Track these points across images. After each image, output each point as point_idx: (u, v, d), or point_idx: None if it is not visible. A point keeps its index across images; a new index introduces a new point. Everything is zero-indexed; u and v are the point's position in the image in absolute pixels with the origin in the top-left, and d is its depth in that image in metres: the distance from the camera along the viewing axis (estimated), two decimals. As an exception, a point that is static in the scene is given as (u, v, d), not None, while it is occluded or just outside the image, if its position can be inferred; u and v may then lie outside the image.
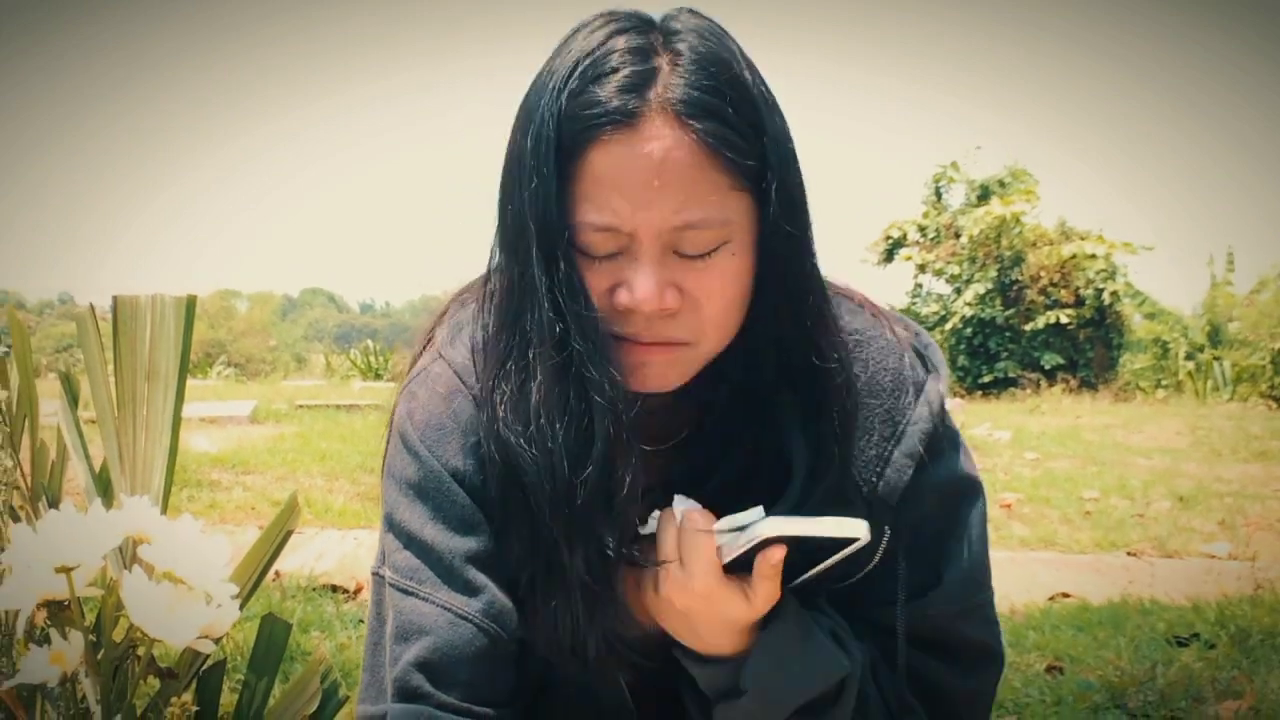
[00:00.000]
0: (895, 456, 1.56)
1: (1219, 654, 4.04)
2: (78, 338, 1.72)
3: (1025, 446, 10.69)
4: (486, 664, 1.55)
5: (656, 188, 1.34)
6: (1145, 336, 23.06)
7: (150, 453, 1.66)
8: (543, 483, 1.46)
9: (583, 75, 1.36)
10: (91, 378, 1.69)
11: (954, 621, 1.60)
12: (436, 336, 1.66)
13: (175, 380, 1.67)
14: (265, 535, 1.68)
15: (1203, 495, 8.25)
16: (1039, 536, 7.06)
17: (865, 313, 1.62)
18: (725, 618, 1.48)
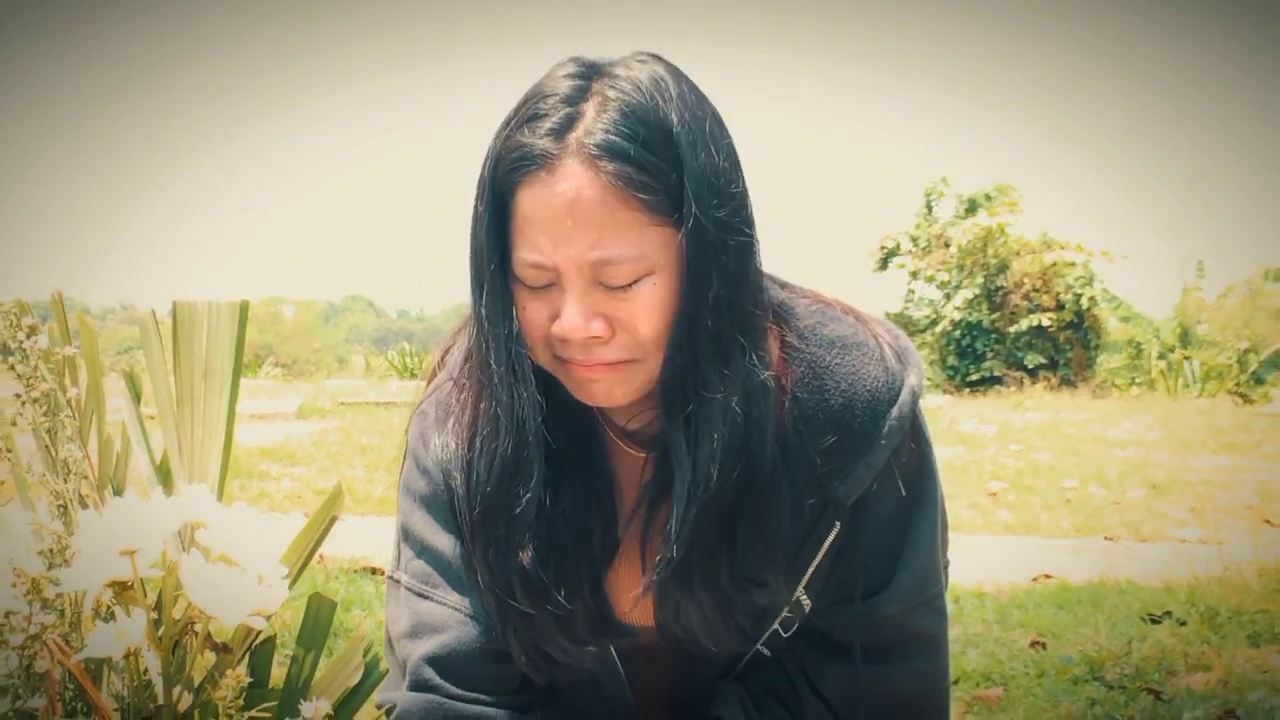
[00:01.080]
0: (858, 468, 1.54)
1: (1190, 630, 4.03)
2: (140, 340, 1.72)
3: (1010, 439, 10.67)
4: (491, 658, 1.56)
5: (570, 226, 1.35)
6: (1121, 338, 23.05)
7: (206, 445, 1.67)
8: (468, 511, 1.52)
9: (519, 119, 1.38)
10: (153, 377, 1.70)
11: (907, 616, 1.60)
12: (450, 355, 1.67)
13: (230, 379, 1.68)
14: (312, 522, 1.69)
15: (1174, 484, 8.23)
16: (1023, 522, 7.05)
17: (848, 319, 1.60)
18: None
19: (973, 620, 4.27)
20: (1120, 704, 3.21)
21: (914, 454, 1.59)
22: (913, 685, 1.64)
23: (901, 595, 1.59)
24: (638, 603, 1.58)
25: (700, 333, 1.41)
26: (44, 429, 1.50)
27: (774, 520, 1.52)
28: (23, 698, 1.30)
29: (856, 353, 1.56)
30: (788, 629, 1.64)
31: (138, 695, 1.32)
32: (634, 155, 1.34)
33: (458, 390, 1.53)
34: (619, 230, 1.35)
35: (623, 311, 1.38)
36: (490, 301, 1.42)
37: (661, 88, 1.39)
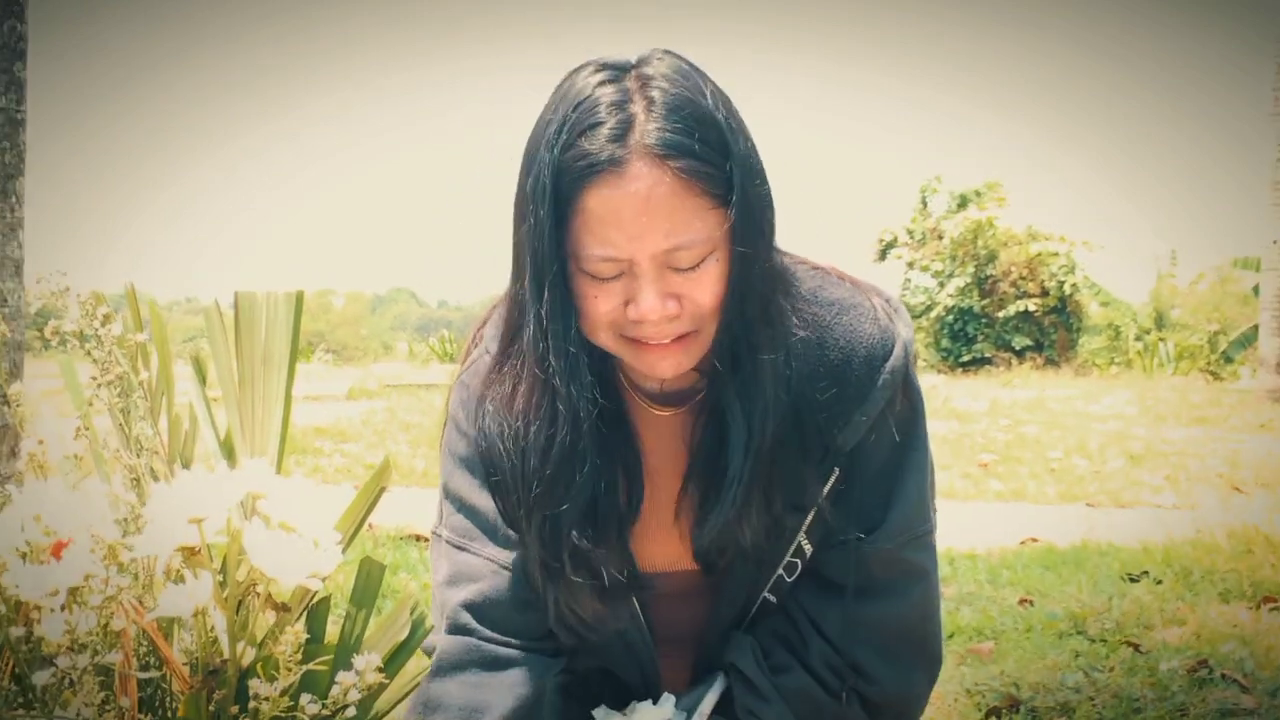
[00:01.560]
0: (855, 417, 1.57)
1: (1165, 588, 4.02)
2: (205, 329, 1.73)
3: (999, 415, 10.65)
4: (522, 606, 1.57)
5: (645, 221, 1.37)
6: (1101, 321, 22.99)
7: (266, 424, 1.67)
8: (511, 469, 1.53)
9: (572, 129, 1.38)
10: (217, 362, 1.71)
11: (900, 551, 1.63)
12: (484, 333, 1.68)
13: (286, 363, 1.68)
14: (362, 493, 1.69)
15: (1150, 455, 8.21)
16: (1011, 490, 7.04)
17: (845, 284, 1.63)
18: None
19: (966, 580, 4.26)
20: (1102, 656, 3.20)
21: (906, 403, 1.62)
22: (907, 616, 1.66)
23: (895, 531, 1.62)
24: (681, 544, 1.63)
25: (752, 299, 1.46)
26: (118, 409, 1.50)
27: (794, 461, 1.55)
28: (101, 653, 1.30)
29: (853, 313, 1.59)
30: (791, 574, 1.66)
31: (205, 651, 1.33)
32: (695, 149, 1.37)
33: (503, 376, 1.53)
34: (686, 218, 1.38)
35: (690, 289, 1.41)
36: (551, 300, 1.42)
37: (694, 83, 1.42)
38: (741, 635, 1.70)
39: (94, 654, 1.30)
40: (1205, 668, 3.01)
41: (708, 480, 1.56)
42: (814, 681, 1.64)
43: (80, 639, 1.29)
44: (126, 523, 1.45)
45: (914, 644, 1.67)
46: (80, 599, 1.30)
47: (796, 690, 1.64)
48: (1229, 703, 2.76)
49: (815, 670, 1.64)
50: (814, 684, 1.64)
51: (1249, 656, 3.12)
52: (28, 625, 1.30)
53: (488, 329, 1.67)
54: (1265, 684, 2.90)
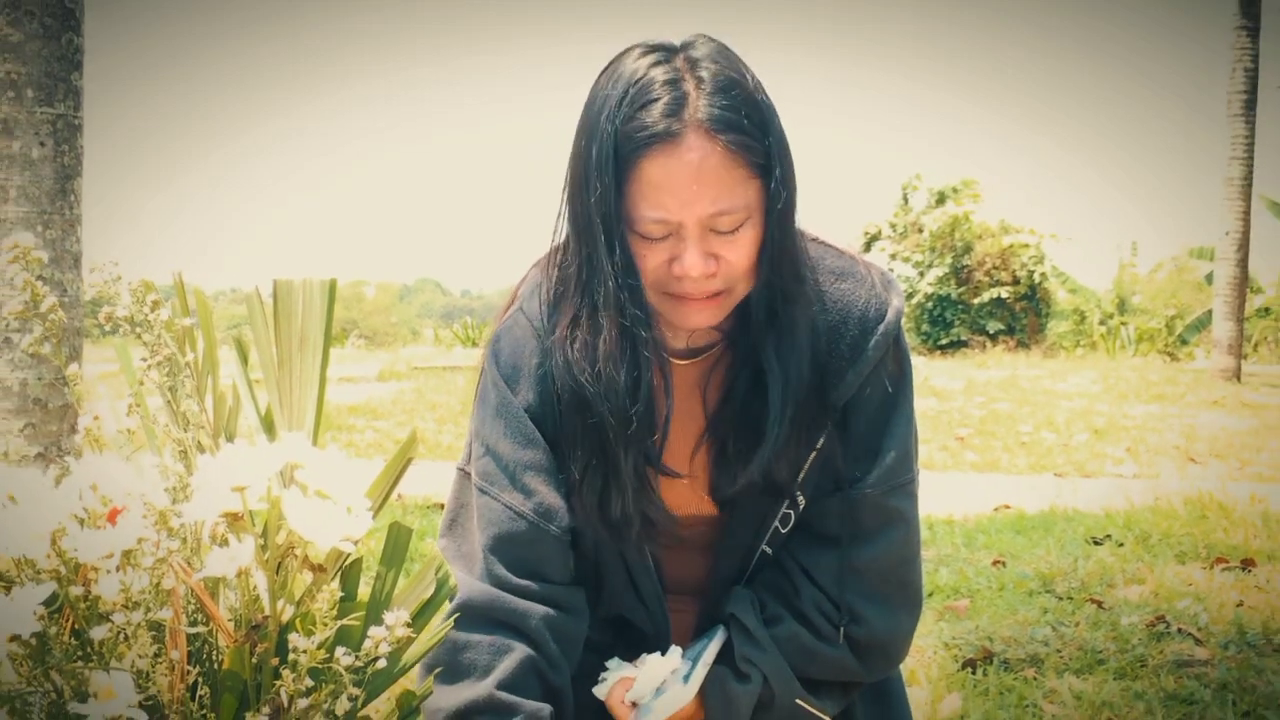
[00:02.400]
0: (848, 375, 1.60)
1: (1126, 550, 4.02)
2: (247, 315, 1.73)
3: (975, 393, 10.64)
4: (537, 549, 1.58)
5: (695, 189, 1.41)
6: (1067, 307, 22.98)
7: (303, 401, 1.67)
8: (606, 410, 1.53)
9: (631, 103, 1.41)
10: (258, 344, 1.71)
11: (885, 497, 1.64)
12: (520, 292, 1.70)
13: (321, 346, 1.68)
14: (391, 463, 1.69)
15: (1113, 429, 8.21)
16: (986, 461, 7.04)
17: (846, 255, 1.66)
18: None
19: (944, 544, 4.27)
20: (1068, 612, 3.20)
21: (895, 364, 1.64)
22: (891, 558, 1.66)
23: (880, 478, 1.63)
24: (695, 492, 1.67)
25: (785, 259, 1.51)
26: (167, 388, 1.51)
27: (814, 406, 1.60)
28: (152, 610, 1.30)
29: (850, 280, 1.63)
30: (785, 525, 1.67)
31: (248, 608, 1.33)
32: (744, 125, 1.41)
33: (579, 329, 1.55)
34: (731, 187, 1.42)
35: (728, 250, 1.45)
36: (622, 258, 1.46)
37: (736, 65, 1.46)
38: (741, 589, 1.71)
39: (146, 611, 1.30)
40: (1163, 623, 3.02)
41: (740, 425, 1.60)
42: (805, 629, 1.65)
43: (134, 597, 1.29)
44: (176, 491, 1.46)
45: (898, 586, 1.68)
46: (133, 561, 1.30)
47: (789, 638, 1.65)
48: (1184, 654, 2.76)
49: (808, 616, 1.65)
50: (805, 631, 1.65)
51: (1203, 612, 3.12)
52: (86, 585, 1.30)
53: (523, 288, 1.69)
54: (1218, 637, 2.90)
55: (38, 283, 1.46)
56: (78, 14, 4.23)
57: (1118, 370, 13.47)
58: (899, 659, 1.76)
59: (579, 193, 1.47)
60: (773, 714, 1.67)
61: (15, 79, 4.12)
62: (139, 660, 1.29)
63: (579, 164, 1.47)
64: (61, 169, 4.18)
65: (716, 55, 1.45)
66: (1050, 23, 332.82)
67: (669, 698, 1.65)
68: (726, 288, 1.48)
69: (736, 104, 1.42)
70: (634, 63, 1.44)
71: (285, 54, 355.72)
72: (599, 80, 1.48)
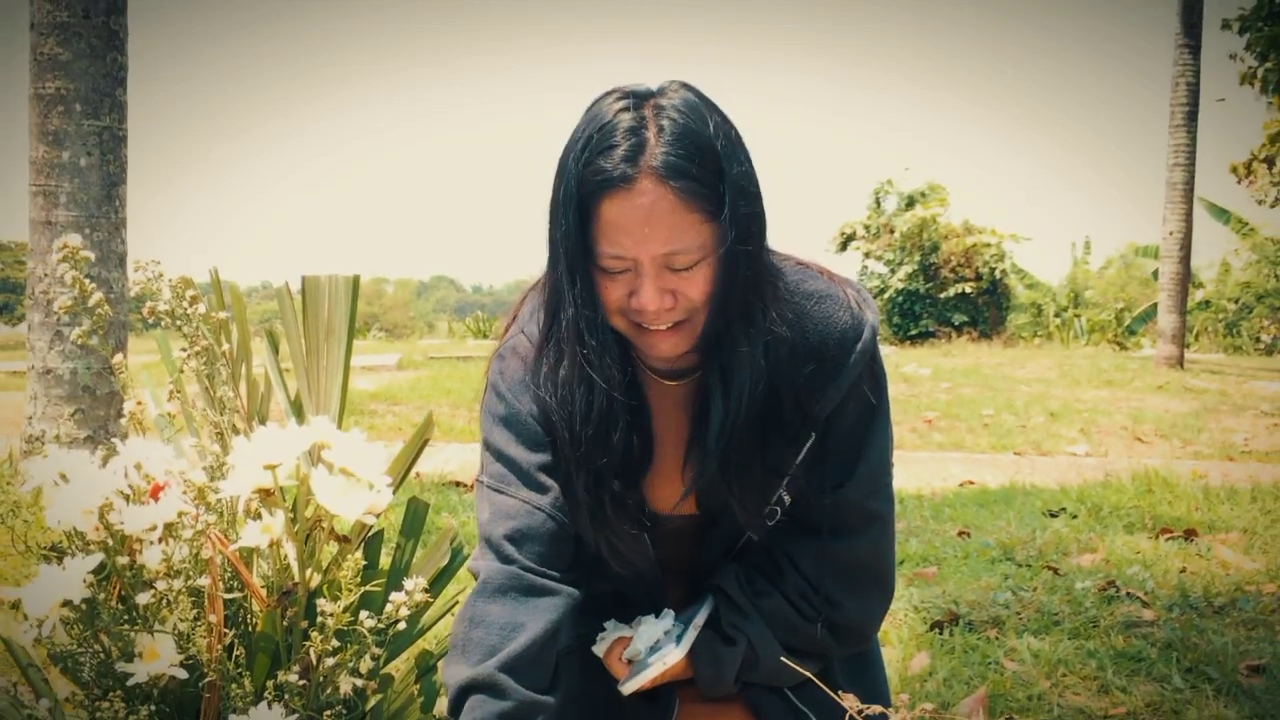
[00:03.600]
0: (830, 390, 1.58)
1: (1079, 522, 4.03)
2: (278, 309, 1.72)
3: (941, 379, 10.64)
4: (552, 541, 1.58)
5: (648, 230, 1.40)
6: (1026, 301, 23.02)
7: (329, 388, 1.67)
8: (562, 431, 1.56)
9: (594, 148, 1.41)
10: (288, 335, 1.70)
11: (865, 498, 1.64)
12: (521, 314, 1.69)
13: (345, 338, 1.68)
14: (409, 444, 1.69)
15: (1067, 412, 8.21)
16: (951, 441, 7.05)
17: (823, 278, 1.63)
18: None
19: (913, 516, 4.27)
20: (1027, 578, 3.21)
21: (872, 378, 1.63)
22: (868, 553, 1.67)
23: (860, 484, 1.63)
24: (680, 496, 1.64)
25: (733, 301, 1.48)
26: (205, 375, 1.50)
27: (773, 431, 1.58)
28: (192, 578, 1.30)
29: (829, 302, 1.60)
30: (771, 519, 1.67)
31: (279, 575, 1.33)
32: (693, 172, 1.39)
33: (548, 353, 1.56)
34: (683, 229, 1.40)
35: (684, 286, 1.44)
36: (583, 289, 1.46)
37: (700, 114, 1.44)
38: (728, 564, 1.72)
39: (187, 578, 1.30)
40: (1113, 587, 3.02)
41: (694, 445, 1.60)
42: (789, 605, 1.66)
43: (175, 566, 1.29)
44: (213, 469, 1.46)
45: (873, 577, 1.69)
46: (175, 533, 1.30)
47: (773, 611, 1.66)
48: (1133, 616, 2.77)
49: (790, 598, 1.66)
50: (789, 607, 1.66)
51: (1149, 578, 3.13)
52: (131, 555, 1.30)
53: (524, 309, 1.69)
54: (1163, 600, 2.90)
55: (85, 280, 1.46)
56: (121, 35, 4.22)
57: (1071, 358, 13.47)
58: (872, 637, 1.78)
59: (551, 227, 1.49)
60: (756, 673, 1.68)
61: (65, 94, 4.10)
62: (180, 623, 1.29)
63: (553, 200, 1.48)
64: (107, 176, 4.17)
65: (682, 105, 1.44)
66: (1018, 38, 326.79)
67: (662, 656, 1.65)
68: (687, 318, 1.48)
69: (691, 152, 1.40)
70: (606, 107, 1.44)
71: (285, 54, 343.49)
72: (578, 122, 1.48)
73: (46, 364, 4.13)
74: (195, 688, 1.31)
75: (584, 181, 1.41)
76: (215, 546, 1.31)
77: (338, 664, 1.33)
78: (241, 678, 1.33)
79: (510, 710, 1.43)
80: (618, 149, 1.40)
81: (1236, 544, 3.62)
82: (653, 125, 1.41)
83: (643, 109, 1.43)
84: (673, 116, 1.42)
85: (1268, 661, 2.39)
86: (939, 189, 22.16)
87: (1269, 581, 3.09)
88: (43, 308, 4.12)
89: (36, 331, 4.15)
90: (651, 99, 1.44)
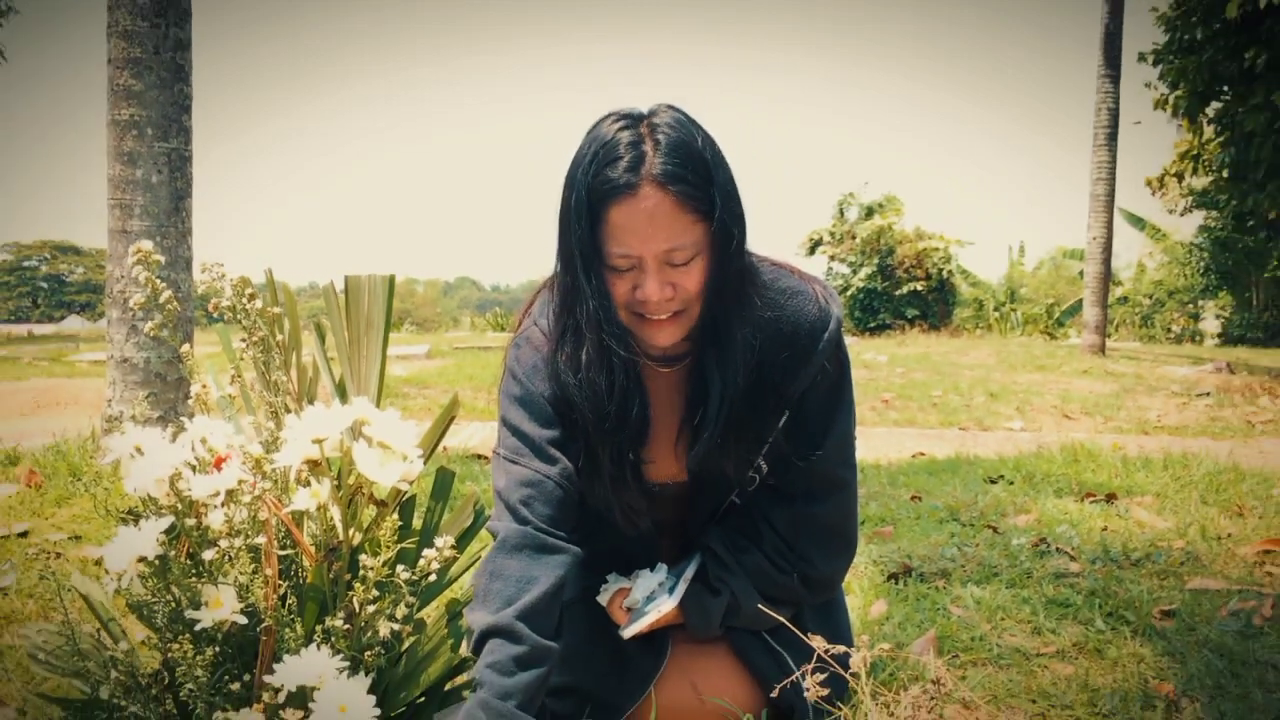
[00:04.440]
0: (801, 373, 1.60)
1: (1015, 488, 4.03)
2: (325, 306, 1.72)
3: (896, 365, 10.65)
4: (559, 505, 1.58)
5: (651, 230, 1.42)
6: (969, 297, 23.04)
7: (368, 374, 1.67)
8: (586, 409, 1.55)
9: (601, 161, 1.43)
10: (333, 328, 1.70)
11: (832, 466, 1.66)
12: (533, 309, 1.69)
13: (382, 330, 1.67)
14: (437, 422, 1.69)
15: (1005, 392, 8.22)
16: (905, 419, 7.05)
17: (794, 276, 1.65)
18: None
19: (873, 483, 4.28)
20: (970, 535, 3.21)
21: (838, 363, 1.65)
22: (835, 515, 1.68)
23: (828, 454, 1.65)
24: (676, 466, 1.66)
25: (727, 289, 1.50)
26: (261, 362, 1.50)
27: (756, 407, 1.60)
28: (250, 537, 1.30)
29: (800, 297, 1.62)
30: (751, 486, 1.68)
31: (326, 534, 1.33)
32: (688, 178, 1.41)
33: (565, 343, 1.56)
34: (680, 229, 1.42)
35: (681, 279, 1.46)
36: (597, 285, 1.47)
37: (689, 129, 1.46)
38: (714, 526, 1.73)
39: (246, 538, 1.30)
40: (1044, 543, 3.03)
41: (692, 421, 1.61)
42: (767, 561, 1.67)
43: (236, 527, 1.29)
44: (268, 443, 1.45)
45: (840, 536, 1.71)
46: (235, 498, 1.30)
47: (753, 566, 1.67)
48: (1061, 568, 2.77)
49: (768, 555, 1.67)
50: (766, 562, 1.67)
51: (1075, 535, 3.13)
52: (198, 517, 1.30)
53: (535, 305, 1.69)
54: (1087, 554, 2.91)
55: (157, 280, 1.46)
56: (187, 69, 4.20)
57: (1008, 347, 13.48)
58: (838, 587, 1.80)
59: (564, 232, 1.49)
60: (738, 619, 1.68)
61: (138, 120, 4.08)
62: (240, 576, 1.29)
63: (564, 209, 1.48)
64: (175, 191, 4.15)
65: (673, 122, 1.46)
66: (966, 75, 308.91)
67: (657, 605, 1.66)
68: (683, 308, 1.49)
69: (684, 161, 1.42)
70: (607, 128, 1.46)
71: (285, 54, 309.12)
72: (582, 141, 1.49)
73: (124, 354, 4.12)
74: (253, 632, 1.31)
75: (593, 191, 1.42)
76: (270, 510, 1.31)
77: (377, 611, 1.33)
78: (294, 623, 1.33)
79: (523, 654, 1.43)
80: (621, 161, 1.41)
81: (1150, 506, 3.62)
82: (649, 140, 1.43)
83: (639, 127, 1.44)
84: (666, 132, 1.43)
85: (1177, 607, 2.40)
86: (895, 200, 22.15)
87: (1178, 538, 3.10)
88: (120, 305, 4.11)
89: (115, 326, 4.14)
90: (645, 119, 1.46)
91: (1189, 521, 3.32)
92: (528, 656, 1.44)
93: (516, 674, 1.42)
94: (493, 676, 1.41)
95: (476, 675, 1.42)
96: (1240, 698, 1.87)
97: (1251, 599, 2.45)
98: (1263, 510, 3.49)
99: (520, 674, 1.42)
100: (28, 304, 57.25)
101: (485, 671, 1.41)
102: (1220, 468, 4.22)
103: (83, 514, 3.33)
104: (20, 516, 3.29)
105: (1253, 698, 1.87)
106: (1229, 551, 2.95)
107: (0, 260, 58.50)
